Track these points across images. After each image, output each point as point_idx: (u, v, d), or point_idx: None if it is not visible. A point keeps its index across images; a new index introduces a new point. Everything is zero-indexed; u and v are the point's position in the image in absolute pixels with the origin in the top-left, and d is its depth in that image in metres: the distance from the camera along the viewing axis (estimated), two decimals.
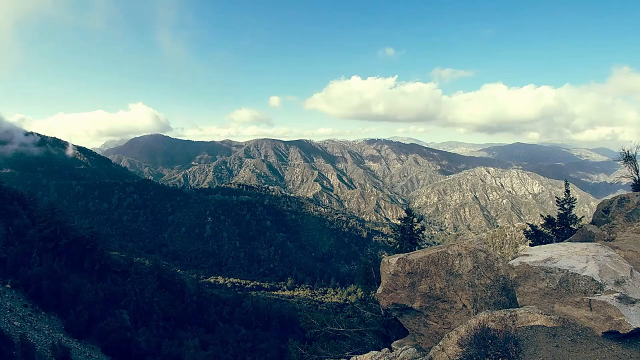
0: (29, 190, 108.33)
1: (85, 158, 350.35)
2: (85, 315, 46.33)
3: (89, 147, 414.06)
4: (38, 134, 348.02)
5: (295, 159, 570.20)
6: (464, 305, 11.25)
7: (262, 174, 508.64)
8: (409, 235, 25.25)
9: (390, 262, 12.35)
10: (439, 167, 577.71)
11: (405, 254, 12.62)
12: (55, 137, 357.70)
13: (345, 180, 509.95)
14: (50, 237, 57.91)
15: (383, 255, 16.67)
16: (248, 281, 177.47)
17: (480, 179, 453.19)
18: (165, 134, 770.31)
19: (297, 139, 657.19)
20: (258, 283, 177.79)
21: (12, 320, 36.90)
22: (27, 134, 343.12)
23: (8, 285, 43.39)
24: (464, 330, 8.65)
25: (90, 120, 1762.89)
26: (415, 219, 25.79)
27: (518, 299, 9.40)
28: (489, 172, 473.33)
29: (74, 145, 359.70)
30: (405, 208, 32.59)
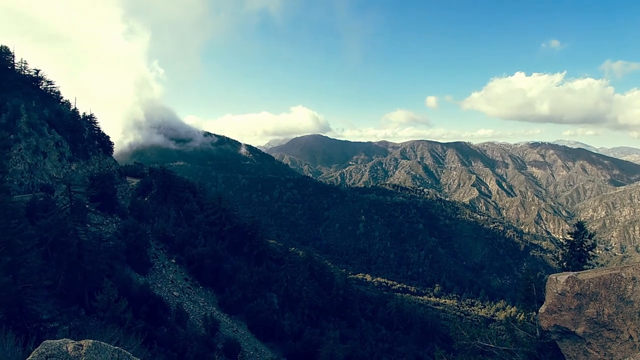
0: (199, 181, 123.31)
1: (251, 155, 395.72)
2: (238, 294, 50.76)
3: (254, 145, 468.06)
4: (216, 135, 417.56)
5: (452, 161, 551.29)
6: (630, 337, 10.04)
7: (418, 175, 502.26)
8: (578, 252, 22.84)
9: (559, 280, 11.39)
10: (608, 177, 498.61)
11: (575, 272, 11.58)
12: (227, 137, 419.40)
13: (505, 187, 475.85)
14: (216, 222, 64.83)
15: (540, 272, 14.97)
16: (395, 282, 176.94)
17: None
18: (324, 135, 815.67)
19: (454, 140, 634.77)
20: (405, 286, 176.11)
21: (172, 291, 42.07)
22: (205, 134, 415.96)
23: (173, 260, 49.82)
24: None
25: (255, 121, 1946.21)
26: (586, 235, 23.05)
27: None
28: None
29: (245, 145, 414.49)
30: (574, 222, 29.88)
